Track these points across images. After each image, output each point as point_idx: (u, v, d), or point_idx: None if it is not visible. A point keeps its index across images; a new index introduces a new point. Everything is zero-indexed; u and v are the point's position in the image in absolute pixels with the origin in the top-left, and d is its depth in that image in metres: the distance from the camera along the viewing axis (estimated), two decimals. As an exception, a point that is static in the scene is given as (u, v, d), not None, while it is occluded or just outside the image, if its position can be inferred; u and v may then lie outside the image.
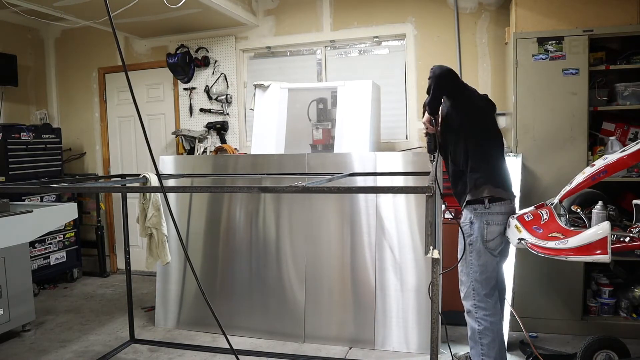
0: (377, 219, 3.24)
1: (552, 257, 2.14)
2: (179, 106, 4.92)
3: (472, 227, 2.46)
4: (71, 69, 5.35)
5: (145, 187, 3.17)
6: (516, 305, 3.12)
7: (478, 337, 2.49)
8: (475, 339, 2.51)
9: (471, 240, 2.46)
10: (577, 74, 3.23)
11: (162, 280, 3.73)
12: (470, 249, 2.46)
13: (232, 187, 3.51)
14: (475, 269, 2.47)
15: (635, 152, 2.19)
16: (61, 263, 4.76)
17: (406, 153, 3.46)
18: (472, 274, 2.47)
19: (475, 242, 2.45)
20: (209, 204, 3.66)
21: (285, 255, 3.44)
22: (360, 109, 3.64)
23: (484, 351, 2.48)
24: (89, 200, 5.28)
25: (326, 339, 3.31)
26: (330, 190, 2.04)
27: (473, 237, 2.46)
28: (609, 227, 1.96)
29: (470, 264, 2.47)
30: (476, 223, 2.45)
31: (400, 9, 4.18)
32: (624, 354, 2.61)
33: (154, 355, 3.20)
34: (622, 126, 3.37)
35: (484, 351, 2.48)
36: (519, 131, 3.34)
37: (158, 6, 3.71)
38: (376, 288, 3.22)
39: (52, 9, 3.86)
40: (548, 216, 2.37)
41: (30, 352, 3.28)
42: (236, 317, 3.49)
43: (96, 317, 3.95)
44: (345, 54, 4.51)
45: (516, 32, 3.34)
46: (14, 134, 4.41)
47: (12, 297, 3.39)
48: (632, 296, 3.29)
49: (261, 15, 4.59)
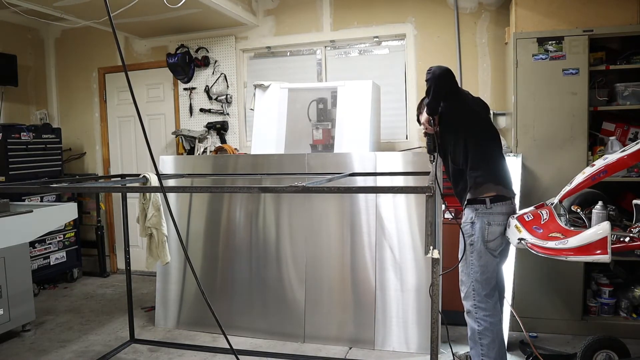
0: (377, 219, 3.24)
1: (552, 257, 2.14)
2: (179, 106, 4.92)
3: (473, 227, 2.46)
4: (71, 69, 5.35)
5: (145, 187, 3.17)
6: (516, 305, 3.12)
7: (478, 337, 2.49)
8: (475, 340, 2.51)
9: (472, 241, 2.46)
10: (577, 74, 3.23)
11: (162, 280, 3.73)
12: (471, 249, 2.46)
13: (232, 187, 3.52)
14: (475, 269, 2.46)
15: (635, 152, 2.19)
16: (61, 263, 4.76)
17: (406, 153, 3.46)
18: (473, 274, 2.47)
19: (476, 242, 2.45)
20: (209, 204, 3.66)
21: (285, 255, 3.44)
22: (360, 109, 3.64)
23: (484, 352, 2.48)
24: (89, 200, 5.28)
25: (326, 339, 3.31)
26: (330, 190, 2.04)
27: (474, 238, 2.45)
28: (609, 227, 1.96)
29: (471, 264, 2.47)
30: (477, 223, 2.44)
31: (400, 9, 4.18)
32: (624, 354, 2.61)
33: (154, 355, 3.20)
34: (622, 126, 3.37)
35: (483, 351, 2.48)
36: (519, 131, 3.34)
37: (158, 6, 3.71)
38: (376, 288, 3.22)
39: (52, 9, 3.86)
40: (548, 216, 2.37)
41: (30, 352, 3.28)
42: (236, 317, 3.49)
43: (96, 317, 3.95)
44: (345, 54, 4.51)
45: (516, 32, 3.34)
46: (14, 134, 4.41)
47: (12, 297, 3.39)
48: (632, 296, 3.29)
49: (261, 15, 4.59)
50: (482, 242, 2.44)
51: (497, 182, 2.47)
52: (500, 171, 2.52)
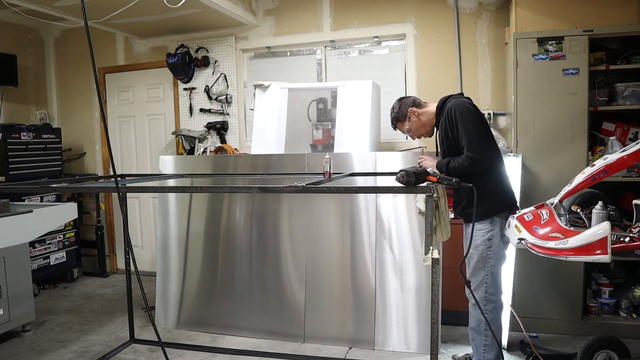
0: (377, 219, 3.24)
1: (552, 257, 2.14)
2: (179, 106, 4.92)
3: (492, 223, 2.50)
4: (71, 69, 5.35)
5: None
6: (516, 305, 3.12)
7: (484, 328, 2.53)
8: (480, 330, 2.57)
9: (491, 235, 2.50)
10: (577, 74, 3.23)
11: (162, 280, 3.73)
12: (489, 243, 2.50)
13: (232, 187, 3.51)
14: (492, 262, 2.52)
15: (635, 152, 2.19)
16: (61, 263, 4.76)
17: (406, 153, 3.46)
18: (489, 267, 2.52)
19: (495, 236, 2.50)
20: (209, 204, 3.66)
21: (285, 255, 3.44)
22: (360, 109, 3.64)
23: (487, 342, 2.55)
24: (89, 200, 5.28)
25: (326, 339, 3.31)
26: (330, 190, 2.05)
27: (493, 232, 2.50)
28: (609, 227, 1.96)
29: (488, 257, 2.51)
30: (498, 219, 2.51)
31: (400, 9, 4.18)
32: (624, 354, 2.61)
33: (154, 355, 3.20)
34: (622, 126, 3.37)
35: (487, 342, 2.55)
36: (519, 131, 3.34)
37: (158, 6, 3.71)
38: (376, 288, 3.22)
39: (52, 9, 3.86)
40: (548, 216, 2.37)
41: (30, 352, 3.28)
42: (236, 317, 3.49)
43: (96, 317, 3.95)
44: (345, 54, 4.50)
45: (516, 32, 3.34)
46: (14, 134, 4.41)
47: (12, 297, 3.39)
48: (632, 296, 3.29)
49: (261, 15, 4.59)
50: (500, 236, 2.50)
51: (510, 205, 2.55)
52: (509, 194, 2.59)
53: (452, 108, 2.50)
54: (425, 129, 2.73)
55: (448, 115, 2.51)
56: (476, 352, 2.61)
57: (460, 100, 2.55)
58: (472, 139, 2.42)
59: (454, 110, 2.48)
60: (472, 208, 2.45)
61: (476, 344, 2.61)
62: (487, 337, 2.54)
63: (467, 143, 2.42)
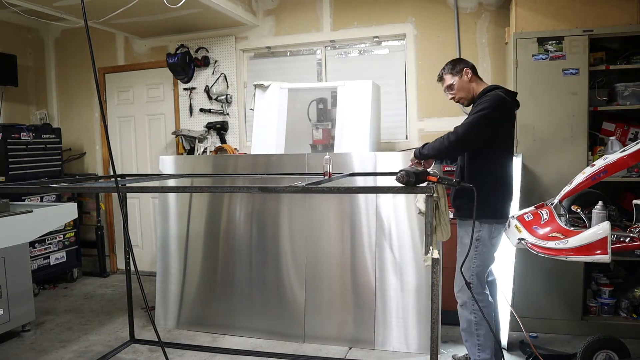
0: (377, 219, 3.24)
1: (552, 257, 2.14)
2: (179, 106, 4.92)
3: (481, 224, 2.48)
4: (71, 69, 5.35)
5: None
6: (516, 305, 3.12)
7: (475, 328, 2.53)
8: (471, 331, 2.55)
9: (479, 236, 2.48)
10: (577, 74, 3.23)
11: (162, 280, 3.73)
12: (477, 244, 2.48)
13: (232, 187, 3.51)
14: (477, 262, 2.50)
15: (635, 152, 2.19)
16: (61, 263, 4.76)
17: (406, 153, 3.45)
18: (475, 268, 2.51)
19: (483, 237, 2.49)
20: (209, 204, 3.66)
21: (285, 255, 3.44)
22: (360, 109, 3.64)
23: (481, 341, 2.52)
24: (89, 200, 5.28)
25: (326, 339, 3.31)
26: (330, 190, 2.05)
27: (482, 234, 2.48)
28: (609, 227, 1.96)
29: (474, 258, 2.50)
30: (486, 224, 2.48)
31: (400, 9, 4.18)
32: (624, 354, 2.61)
33: (154, 355, 3.20)
34: (622, 126, 3.37)
35: (480, 341, 2.52)
36: (519, 131, 3.33)
37: (158, 6, 3.71)
38: (376, 288, 3.22)
39: (52, 9, 3.86)
40: (548, 216, 2.37)
41: (30, 352, 3.28)
42: (236, 317, 3.49)
43: (96, 317, 3.95)
44: (345, 54, 4.50)
45: (516, 32, 3.34)
46: (14, 134, 4.41)
47: (12, 297, 3.39)
48: (632, 296, 3.29)
49: (261, 15, 4.59)
50: (488, 237, 2.48)
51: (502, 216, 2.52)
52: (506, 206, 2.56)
53: (487, 96, 2.47)
54: (466, 95, 2.64)
55: (481, 101, 2.48)
56: (471, 353, 2.61)
57: (498, 94, 2.47)
58: (473, 120, 2.39)
59: (487, 98, 2.45)
60: (461, 199, 2.47)
61: (470, 345, 2.60)
62: (479, 337, 2.53)
63: (466, 121, 2.41)
